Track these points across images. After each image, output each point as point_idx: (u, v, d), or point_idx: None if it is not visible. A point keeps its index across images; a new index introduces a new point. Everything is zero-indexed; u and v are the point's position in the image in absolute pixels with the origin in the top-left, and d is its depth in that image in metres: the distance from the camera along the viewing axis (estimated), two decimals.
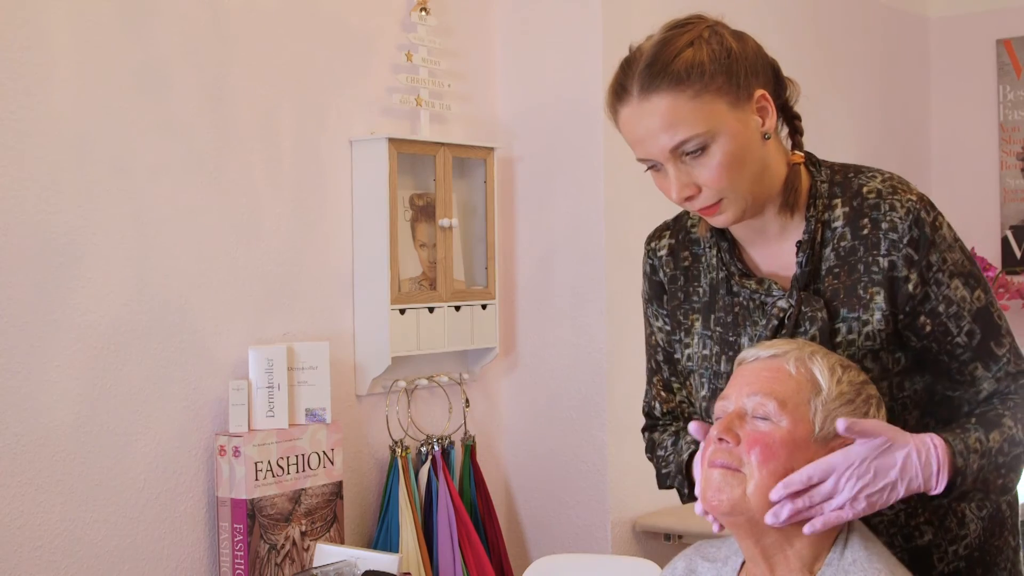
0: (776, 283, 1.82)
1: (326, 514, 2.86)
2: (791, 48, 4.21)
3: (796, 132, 1.90)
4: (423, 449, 3.15)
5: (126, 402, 2.59)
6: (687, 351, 1.91)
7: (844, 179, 1.86)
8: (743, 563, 1.77)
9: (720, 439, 1.69)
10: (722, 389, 1.77)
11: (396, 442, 3.08)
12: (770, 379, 1.69)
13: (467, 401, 3.33)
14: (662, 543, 3.43)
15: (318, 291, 2.99)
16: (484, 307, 3.30)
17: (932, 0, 5.05)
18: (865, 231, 1.79)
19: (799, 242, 1.81)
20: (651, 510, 3.47)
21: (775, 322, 1.80)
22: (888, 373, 1.79)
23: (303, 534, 2.80)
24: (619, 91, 1.79)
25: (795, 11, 4.23)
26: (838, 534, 1.71)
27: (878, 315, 1.77)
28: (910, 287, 1.76)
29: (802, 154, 1.88)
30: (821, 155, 1.99)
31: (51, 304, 2.46)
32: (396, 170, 3.04)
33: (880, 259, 1.77)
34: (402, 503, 3.01)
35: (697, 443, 1.83)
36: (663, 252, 1.95)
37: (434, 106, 3.24)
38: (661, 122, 1.72)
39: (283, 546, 2.75)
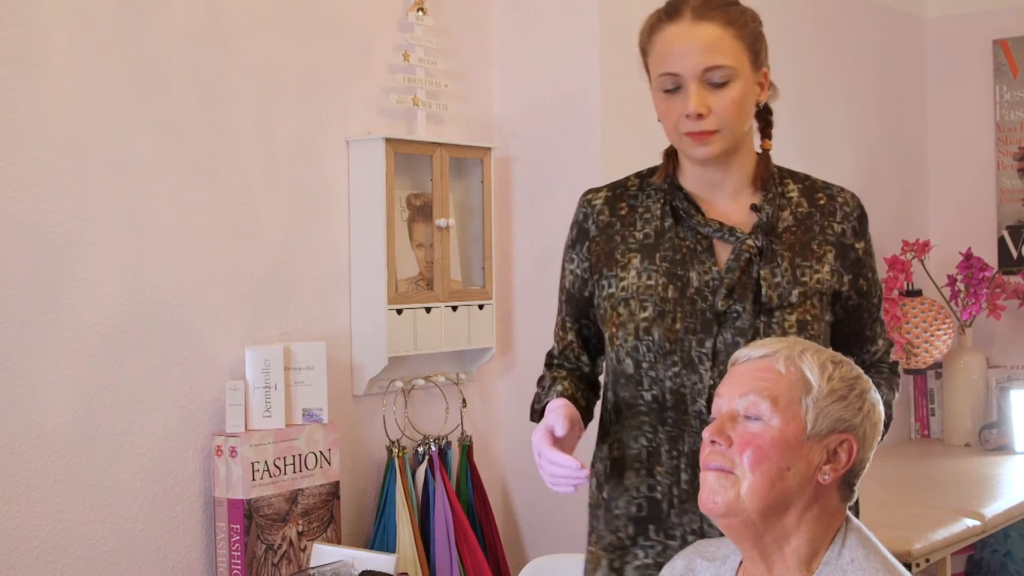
0: (736, 227, 2.07)
1: (323, 514, 2.86)
2: (788, 47, 4.21)
3: (768, 126, 2.17)
4: (420, 449, 3.14)
5: (123, 402, 2.59)
6: (620, 283, 2.10)
7: (790, 171, 2.19)
8: (741, 562, 1.77)
9: (712, 441, 1.70)
10: (669, 312, 2.04)
11: (393, 442, 3.08)
12: (761, 379, 1.70)
13: (464, 401, 3.33)
14: None
15: (315, 291, 2.99)
16: (481, 307, 3.30)
17: (929, 0, 5.05)
18: (821, 202, 2.13)
19: (754, 204, 2.09)
20: None
21: (747, 255, 2.04)
22: (822, 319, 2.08)
23: (300, 534, 2.80)
24: (671, 11, 2.04)
25: (792, 10, 4.23)
26: (836, 533, 1.72)
27: (827, 268, 2.08)
28: (859, 253, 2.13)
29: (771, 143, 2.18)
30: (819, 154, 2.06)
31: (47, 304, 2.46)
32: (393, 170, 3.04)
33: (835, 224, 2.12)
34: (399, 503, 3.01)
35: (554, 397, 2.11)
36: (599, 202, 2.18)
37: (431, 106, 3.24)
38: (706, 44, 2.00)
39: (280, 546, 2.75)
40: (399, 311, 3.05)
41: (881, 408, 1.76)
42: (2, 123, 2.40)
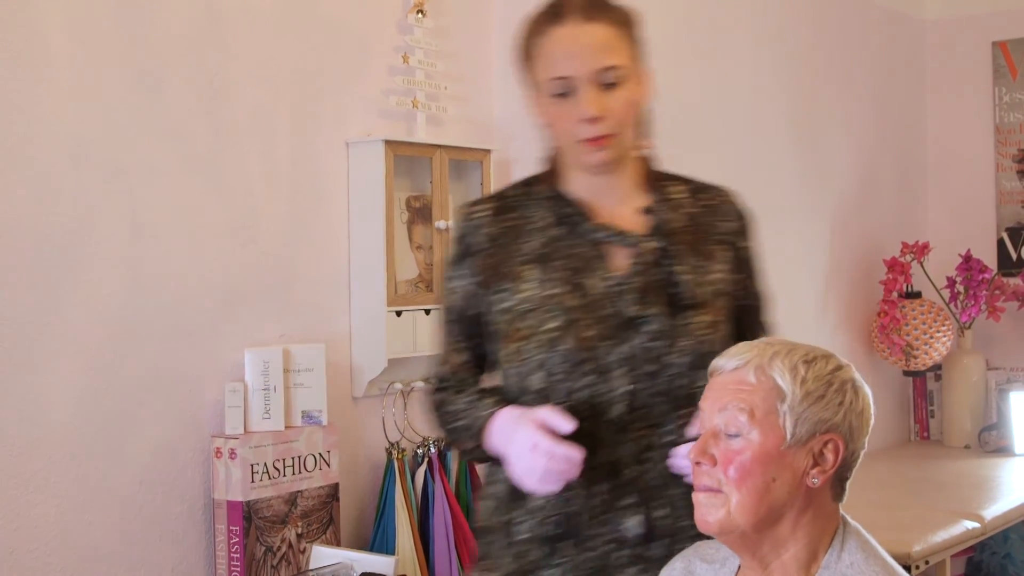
0: (629, 231, 2.04)
1: (322, 516, 2.86)
2: (786, 50, 4.21)
3: (648, 126, 2.16)
4: (419, 451, 3.14)
5: (122, 404, 2.58)
6: (519, 296, 2.03)
7: (674, 175, 2.15)
8: (740, 566, 1.77)
9: (697, 463, 1.69)
10: (577, 320, 1.97)
11: (392, 444, 3.08)
12: (735, 391, 1.68)
13: None
14: None
15: (314, 293, 2.99)
16: None
17: (928, 2, 5.06)
18: (709, 202, 2.12)
19: (647, 207, 2.06)
20: None
21: (650, 257, 2.01)
22: (725, 318, 2.05)
23: (299, 536, 2.80)
24: (556, 13, 1.99)
25: (791, 13, 4.23)
26: (834, 534, 1.71)
27: (719, 266, 2.06)
28: (747, 252, 2.12)
29: (652, 143, 2.17)
30: (818, 156, 2.05)
31: (47, 306, 2.46)
32: (392, 172, 3.04)
33: (724, 223, 2.10)
34: (398, 505, 3.01)
35: (498, 406, 2.01)
36: (484, 215, 2.10)
37: (431, 108, 3.24)
38: (598, 44, 1.96)
39: (279, 548, 2.75)
40: (399, 313, 3.05)
41: (868, 391, 1.72)
42: (2, 125, 2.40)
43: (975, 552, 4.33)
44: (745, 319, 2.13)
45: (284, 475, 2.77)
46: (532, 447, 1.91)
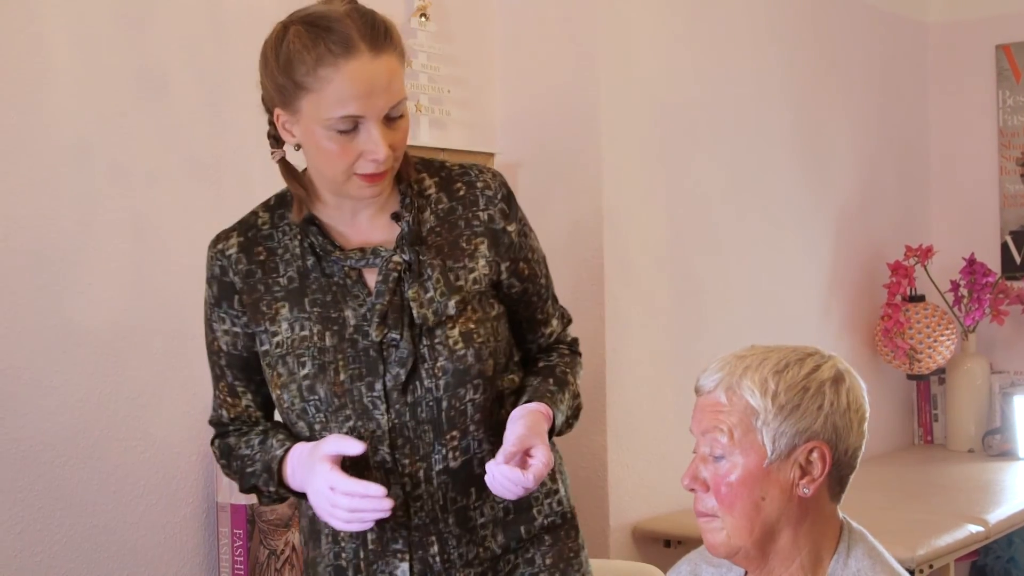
0: (380, 247, 1.91)
1: None
2: (789, 54, 4.21)
3: None
4: None
5: (126, 407, 2.58)
6: (274, 339, 1.92)
7: (424, 163, 2.02)
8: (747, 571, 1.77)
9: (691, 489, 1.69)
10: (331, 363, 1.87)
11: None
12: (713, 414, 1.67)
13: None
14: (662, 548, 3.42)
15: None
16: None
17: (931, 5, 5.05)
18: (461, 192, 1.97)
19: (395, 212, 1.93)
20: (650, 515, 3.46)
21: (395, 275, 1.88)
22: (489, 317, 1.95)
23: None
24: (343, 44, 1.80)
25: (793, 16, 4.23)
26: (839, 538, 1.71)
27: (483, 262, 1.95)
28: (512, 236, 1.98)
29: None
30: (820, 160, 2.01)
31: (51, 309, 2.46)
32: None
33: (480, 213, 1.96)
34: None
35: (290, 441, 1.92)
36: (232, 251, 1.97)
37: (434, 112, 3.24)
38: (388, 80, 1.82)
39: (283, 552, 2.75)
40: None
41: (856, 382, 1.69)
42: (4, 128, 2.40)
43: (979, 556, 4.32)
44: (522, 306, 2.03)
45: None
46: (330, 488, 1.80)
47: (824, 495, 1.68)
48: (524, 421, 1.89)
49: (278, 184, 2.89)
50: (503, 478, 1.81)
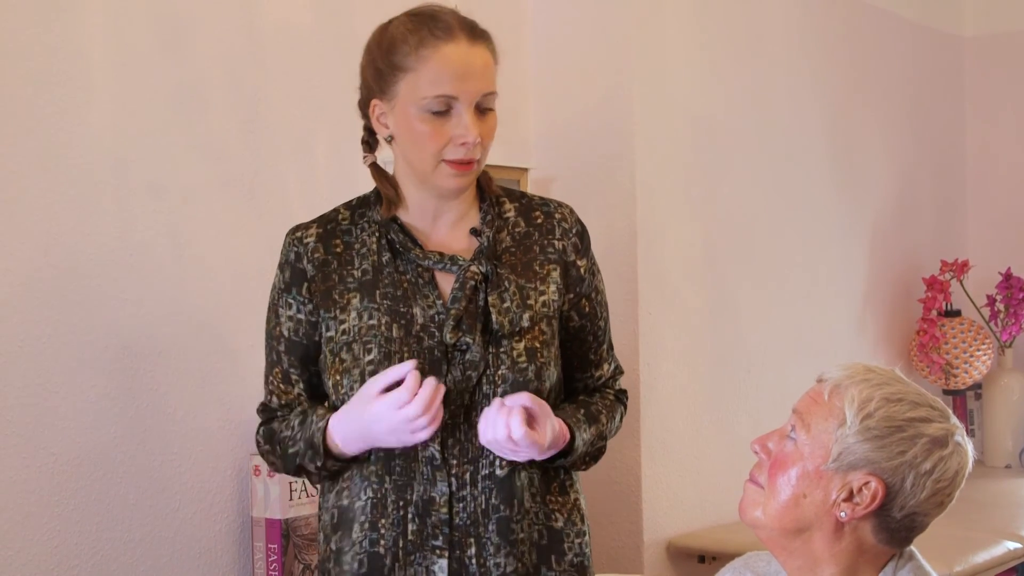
0: (458, 255, 1.97)
1: None
2: (823, 69, 4.20)
3: None
4: None
5: (161, 422, 2.60)
6: (341, 326, 1.97)
7: (506, 190, 2.11)
8: None
9: (756, 452, 1.72)
10: (396, 353, 1.92)
11: None
12: (810, 402, 1.70)
13: None
14: (696, 564, 3.41)
15: None
16: None
17: (967, 19, 5.03)
18: (539, 220, 2.05)
19: (474, 228, 2.00)
20: (686, 531, 3.45)
21: (472, 283, 1.93)
22: (552, 342, 2.00)
23: None
24: (443, 29, 1.94)
25: (827, 31, 4.22)
26: (887, 562, 1.71)
27: (553, 287, 2.01)
28: (581, 271, 2.05)
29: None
30: (855, 174, 2.01)
31: (87, 324, 2.48)
32: None
33: (555, 242, 2.04)
34: None
35: (329, 413, 1.95)
36: (311, 240, 2.03)
37: None
38: (484, 67, 1.97)
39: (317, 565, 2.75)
40: None
41: (959, 465, 1.67)
42: (43, 144, 2.42)
43: (1017, 573, 4.29)
44: (577, 342, 2.07)
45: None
46: (396, 405, 1.84)
47: (866, 530, 1.67)
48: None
49: (314, 200, 2.92)
50: (495, 414, 1.85)
